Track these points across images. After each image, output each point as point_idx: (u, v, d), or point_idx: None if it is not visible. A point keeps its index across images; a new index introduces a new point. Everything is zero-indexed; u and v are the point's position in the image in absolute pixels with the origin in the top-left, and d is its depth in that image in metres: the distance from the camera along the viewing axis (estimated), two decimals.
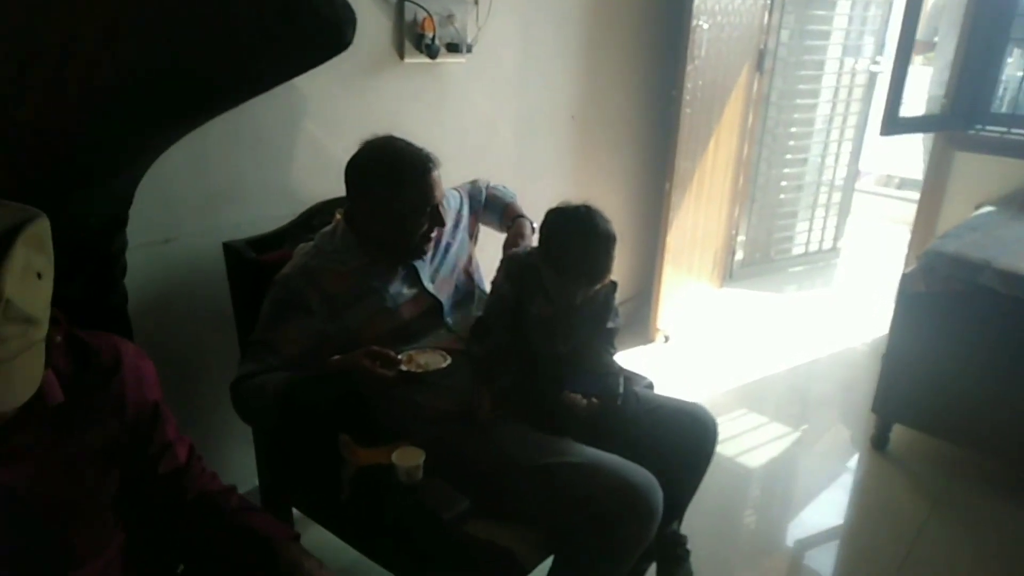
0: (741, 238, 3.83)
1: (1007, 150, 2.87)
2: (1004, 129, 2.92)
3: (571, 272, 1.48)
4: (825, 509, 2.22)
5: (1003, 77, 3.03)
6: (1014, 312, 2.05)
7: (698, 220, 3.22)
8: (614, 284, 1.61)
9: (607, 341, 1.66)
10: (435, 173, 1.52)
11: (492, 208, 1.90)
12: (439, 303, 1.63)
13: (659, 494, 1.38)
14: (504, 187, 1.96)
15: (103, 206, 1.31)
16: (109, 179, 1.28)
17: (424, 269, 1.64)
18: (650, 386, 1.79)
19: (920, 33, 2.89)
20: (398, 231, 1.53)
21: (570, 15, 2.52)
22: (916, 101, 3.35)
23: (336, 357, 1.42)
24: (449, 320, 1.65)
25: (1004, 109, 3.07)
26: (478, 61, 2.19)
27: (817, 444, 2.56)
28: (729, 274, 3.85)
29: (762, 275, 3.98)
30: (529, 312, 1.57)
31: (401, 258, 1.59)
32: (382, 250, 1.56)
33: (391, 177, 1.49)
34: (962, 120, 2.97)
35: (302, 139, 1.86)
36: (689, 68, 2.73)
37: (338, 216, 1.60)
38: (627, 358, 2.96)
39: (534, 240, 1.71)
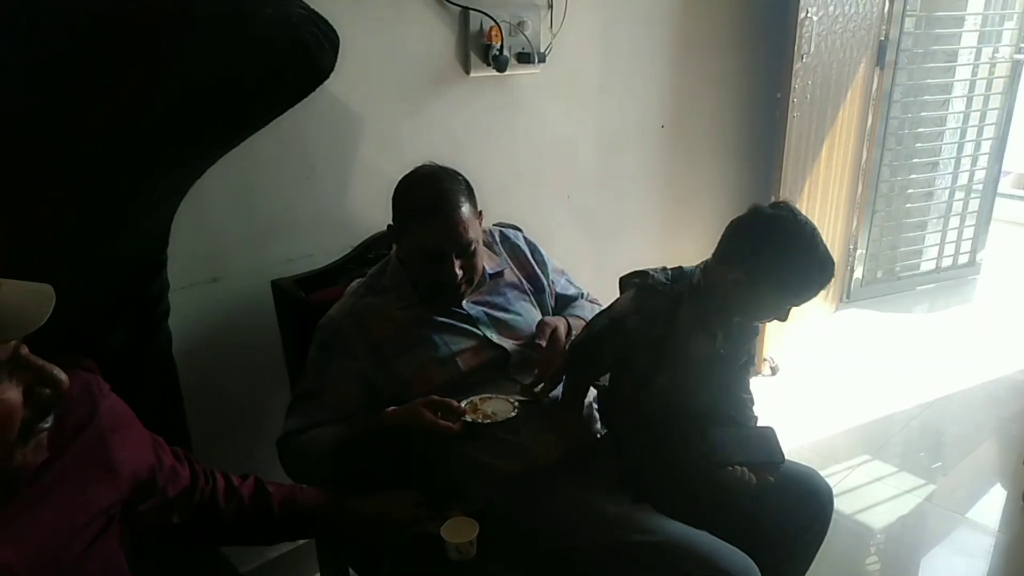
0: (860, 252, 3.47)
1: None
2: None
3: (803, 291, 1.20)
4: None
5: None
6: None
7: None
8: None
9: (746, 385, 1.41)
10: (454, 214, 1.33)
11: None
12: (506, 353, 1.44)
13: None
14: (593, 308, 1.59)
15: (138, 248, 1.26)
16: (142, 218, 1.22)
17: (485, 321, 1.45)
18: None
19: None
20: (414, 271, 1.41)
21: (657, 13, 2.29)
22: None
23: (392, 408, 1.28)
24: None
25: None
26: (553, 71, 2.01)
27: (956, 501, 2.19)
28: (847, 294, 3.51)
29: (886, 294, 3.59)
30: (680, 351, 1.29)
31: (433, 303, 1.42)
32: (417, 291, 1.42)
33: (402, 213, 1.40)
34: None
35: (357, 166, 1.73)
36: (796, 66, 2.47)
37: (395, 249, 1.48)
38: None
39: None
